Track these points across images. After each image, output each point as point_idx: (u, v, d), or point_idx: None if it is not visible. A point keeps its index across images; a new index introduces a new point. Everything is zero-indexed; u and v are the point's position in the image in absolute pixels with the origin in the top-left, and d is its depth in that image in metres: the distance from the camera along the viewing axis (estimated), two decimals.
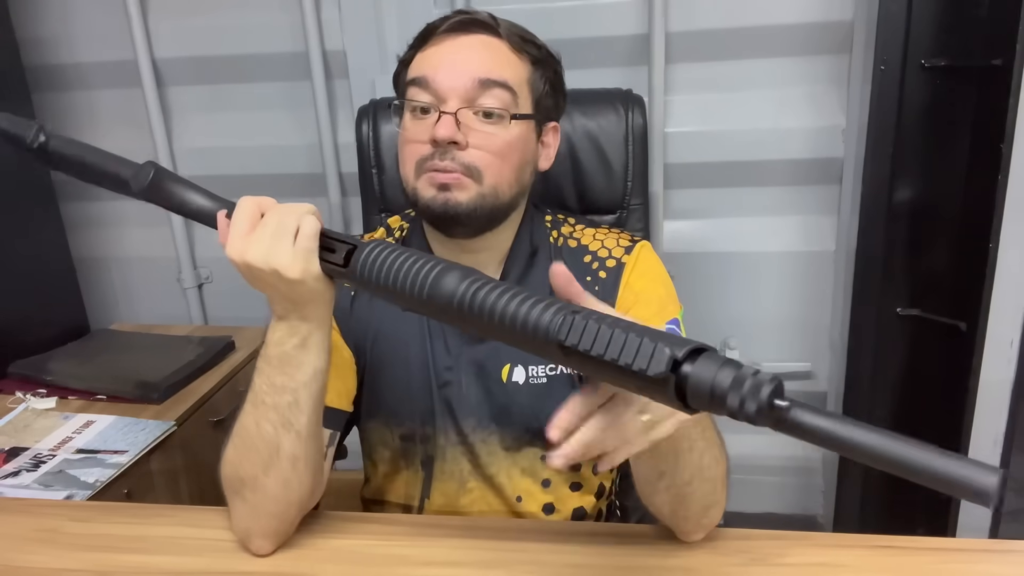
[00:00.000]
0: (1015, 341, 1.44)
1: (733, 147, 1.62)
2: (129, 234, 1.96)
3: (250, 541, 0.81)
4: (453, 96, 0.82)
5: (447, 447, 0.93)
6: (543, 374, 0.91)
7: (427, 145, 0.82)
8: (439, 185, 0.82)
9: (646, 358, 0.49)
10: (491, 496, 0.94)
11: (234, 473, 0.79)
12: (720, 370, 0.47)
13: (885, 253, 1.52)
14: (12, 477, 1.20)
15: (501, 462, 0.93)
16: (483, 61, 0.84)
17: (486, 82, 0.82)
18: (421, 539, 0.83)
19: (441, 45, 0.85)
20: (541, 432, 0.90)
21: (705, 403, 0.48)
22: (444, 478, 0.93)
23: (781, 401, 0.46)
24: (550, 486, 0.94)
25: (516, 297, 0.56)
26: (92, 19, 1.76)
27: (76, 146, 0.78)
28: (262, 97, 1.77)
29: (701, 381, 0.48)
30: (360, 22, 1.63)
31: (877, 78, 1.42)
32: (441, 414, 0.92)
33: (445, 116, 0.81)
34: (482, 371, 0.91)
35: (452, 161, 0.82)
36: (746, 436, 1.81)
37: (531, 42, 0.88)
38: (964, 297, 1.40)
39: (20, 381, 1.51)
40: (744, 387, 0.46)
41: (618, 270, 0.92)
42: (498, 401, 0.91)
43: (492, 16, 0.87)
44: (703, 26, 1.56)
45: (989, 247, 1.34)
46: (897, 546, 0.80)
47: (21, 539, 0.86)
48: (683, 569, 0.78)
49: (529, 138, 0.88)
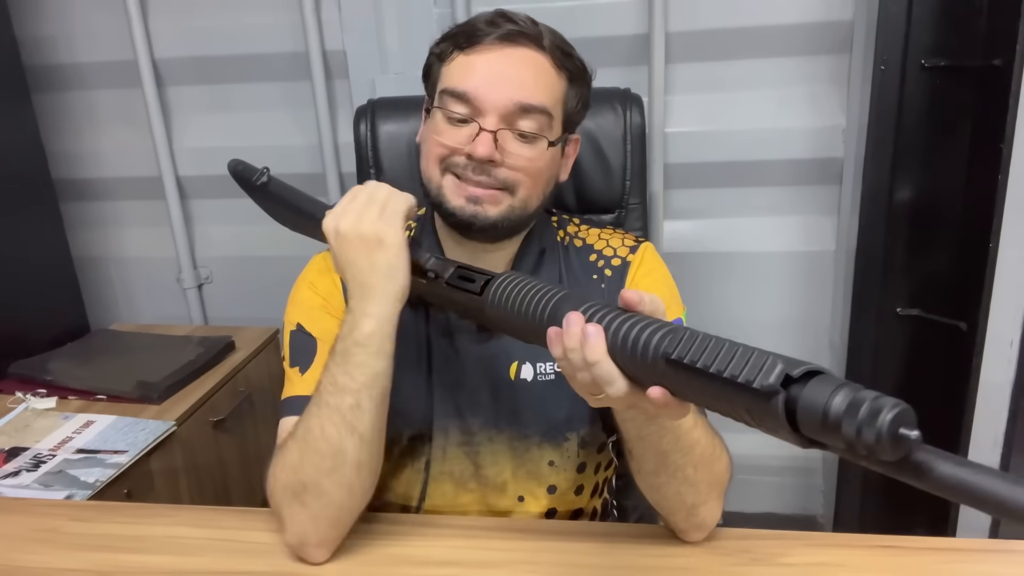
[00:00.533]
0: (1015, 341, 1.44)
1: (733, 147, 1.62)
2: (129, 234, 1.96)
3: (304, 550, 0.80)
4: (493, 114, 0.82)
5: (447, 447, 0.92)
6: (551, 371, 0.91)
7: (460, 154, 0.83)
8: (470, 196, 0.84)
9: (756, 369, 0.45)
10: (491, 497, 0.94)
11: (294, 478, 0.78)
12: (836, 391, 0.42)
13: (885, 253, 1.52)
14: (12, 477, 1.20)
15: (506, 463, 0.92)
16: (526, 83, 0.83)
17: (527, 107, 0.83)
18: (421, 539, 0.83)
19: (486, 56, 0.84)
20: (549, 430, 0.91)
21: (817, 429, 0.42)
22: (442, 479, 0.93)
23: (909, 431, 0.39)
24: (555, 492, 0.94)
25: (619, 317, 0.57)
26: (92, 19, 1.76)
27: (285, 188, 0.92)
28: (262, 97, 1.77)
29: (813, 403, 0.42)
30: (360, 22, 1.63)
31: (877, 78, 1.42)
32: (445, 414, 0.92)
33: (485, 134, 0.82)
34: (490, 369, 0.91)
35: (488, 176, 0.83)
36: (746, 436, 1.81)
37: (571, 56, 0.88)
38: (964, 297, 1.40)
39: (20, 381, 1.51)
40: (861, 411, 0.40)
41: (623, 269, 0.93)
42: (506, 399, 0.91)
43: (535, 24, 0.87)
44: (703, 26, 1.56)
45: (989, 247, 1.34)
46: (897, 546, 0.80)
47: (21, 539, 0.86)
48: (683, 569, 0.78)
49: (557, 155, 0.89)
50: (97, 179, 1.90)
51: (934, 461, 0.39)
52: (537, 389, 0.91)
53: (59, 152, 1.82)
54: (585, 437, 0.93)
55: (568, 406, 0.91)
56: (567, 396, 0.89)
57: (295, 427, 0.79)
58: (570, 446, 0.92)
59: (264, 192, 0.92)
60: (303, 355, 0.89)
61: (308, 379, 0.86)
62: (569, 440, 0.92)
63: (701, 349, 0.49)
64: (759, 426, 0.47)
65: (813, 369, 0.44)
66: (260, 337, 1.68)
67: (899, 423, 0.39)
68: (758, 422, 0.47)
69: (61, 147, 1.84)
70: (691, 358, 0.49)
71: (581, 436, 0.92)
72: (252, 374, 1.62)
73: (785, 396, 0.44)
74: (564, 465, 0.93)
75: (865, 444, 0.40)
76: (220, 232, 1.90)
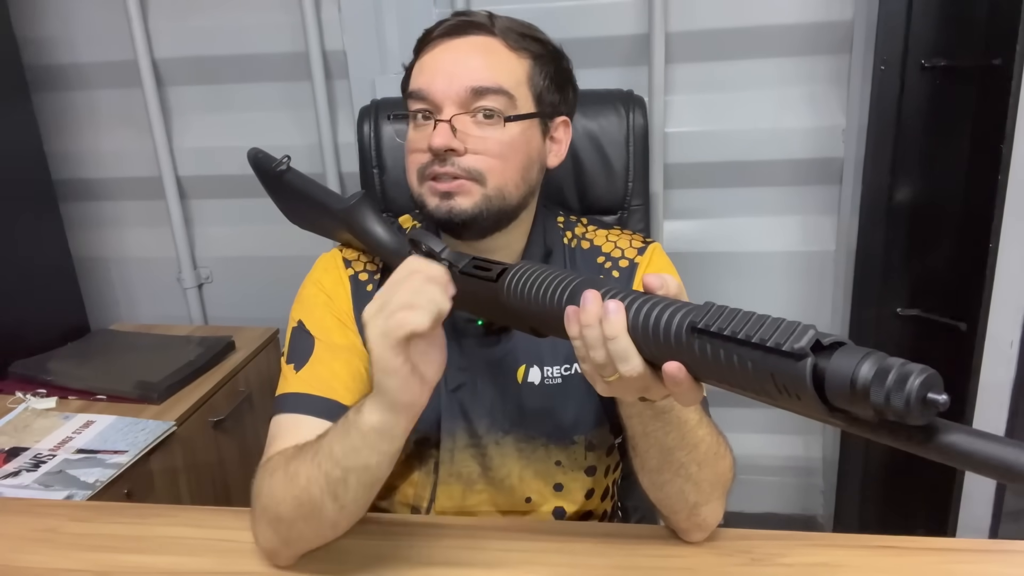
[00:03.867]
0: (1015, 341, 1.44)
1: (733, 147, 1.62)
2: (129, 234, 1.96)
3: (275, 557, 0.80)
4: (448, 103, 0.82)
5: (455, 450, 0.92)
6: (558, 375, 0.90)
7: (427, 153, 0.82)
8: (441, 193, 0.83)
9: (786, 335, 0.46)
10: (500, 498, 0.94)
11: (272, 507, 0.77)
12: (864, 359, 0.42)
13: (885, 253, 1.52)
14: (12, 477, 1.20)
15: (513, 464, 0.92)
16: (476, 67, 0.83)
17: (480, 90, 0.82)
18: (422, 539, 0.83)
19: (435, 52, 0.85)
20: (556, 433, 0.91)
21: (845, 396, 0.43)
22: (451, 481, 0.93)
23: (937, 395, 0.41)
24: (562, 490, 0.94)
25: (640, 297, 0.58)
26: (92, 19, 1.75)
27: (304, 179, 0.92)
28: (262, 97, 1.77)
29: (842, 369, 0.42)
30: (360, 22, 1.63)
31: (877, 78, 1.42)
32: (452, 417, 0.91)
33: (440, 124, 0.81)
34: (498, 372, 0.91)
35: (453, 167, 0.82)
36: (746, 436, 1.82)
37: (530, 37, 0.87)
38: (964, 297, 1.40)
39: (20, 381, 1.51)
40: (889, 377, 0.41)
41: (631, 270, 0.93)
42: (513, 402, 0.91)
43: (490, 15, 0.86)
44: (703, 26, 1.56)
45: (989, 247, 1.34)
46: (897, 546, 0.80)
47: (21, 539, 0.86)
48: (683, 569, 0.78)
49: (532, 136, 0.86)
50: (97, 179, 1.90)
51: (950, 431, 0.41)
52: (544, 392, 0.90)
53: (59, 152, 1.82)
54: (592, 440, 0.93)
55: (575, 409, 0.91)
56: (574, 399, 0.91)
57: (289, 462, 0.76)
58: (577, 449, 0.92)
59: (281, 182, 0.90)
60: (300, 353, 0.88)
61: (302, 377, 0.86)
62: (576, 443, 0.92)
63: (729, 319, 0.49)
64: (782, 396, 0.47)
65: (840, 341, 0.45)
66: (260, 337, 1.68)
67: (927, 388, 0.40)
68: (782, 390, 0.47)
69: (61, 147, 1.84)
70: (719, 326, 0.49)
71: (588, 439, 0.92)
72: (252, 374, 1.62)
73: (814, 361, 0.44)
74: (571, 466, 0.93)
75: (894, 410, 0.40)
76: (220, 232, 1.90)
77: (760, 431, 1.83)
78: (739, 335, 0.48)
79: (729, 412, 1.85)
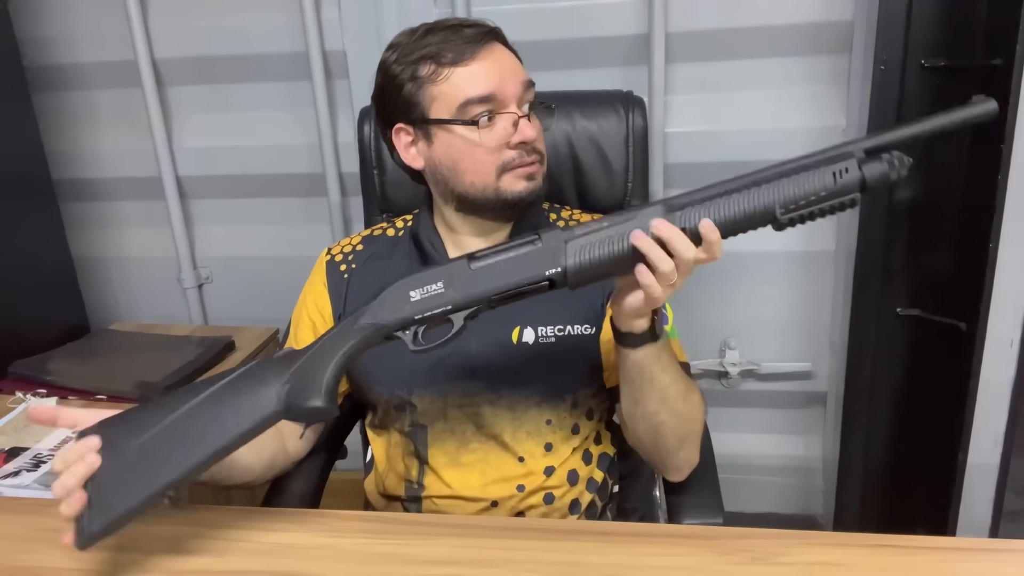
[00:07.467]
0: (1015, 341, 1.44)
1: (733, 147, 1.62)
2: (129, 234, 1.96)
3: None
4: (514, 102, 0.92)
5: (447, 409, 0.97)
6: (552, 334, 0.96)
7: (506, 149, 0.91)
8: (528, 176, 0.93)
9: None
10: (493, 456, 0.97)
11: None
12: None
13: (885, 253, 1.52)
14: (12, 477, 1.20)
15: (506, 423, 0.97)
16: (517, 67, 0.95)
17: (527, 82, 0.94)
18: (421, 538, 0.83)
19: (486, 60, 0.92)
20: (548, 392, 0.97)
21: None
22: (445, 437, 0.97)
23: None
24: (552, 450, 0.98)
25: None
26: (92, 19, 1.75)
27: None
28: (262, 97, 1.77)
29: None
30: (360, 22, 1.63)
31: (877, 78, 1.42)
32: (444, 377, 0.96)
33: (525, 120, 0.92)
34: (493, 333, 0.95)
35: (536, 153, 0.94)
36: (746, 436, 1.82)
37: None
38: (964, 297, 1.40)
39: (20, 381, 1.51)
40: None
41: None
42: (508, 362, 0.96)
43: (487, 22, 0.96)
44: (703, 26, 1.56)
45: (989, 247, 1.34)
46: (897, 545, 0.80)
47: (21, 539, 0.86)
48: (683, 568, 0.78)
49: None
50: (97, 179, 1.90)
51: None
52: (538, 352, 0.96)
53: (59, 152, 1.82)
54: (578, 399, 0.99)
55: (568, 369, 0.97)
56: (565, 359, 0.97)
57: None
58: (565, 407, 0.98)
59: None
60: (287, 338, 1.03)
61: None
62: (565, 401, 0.98)
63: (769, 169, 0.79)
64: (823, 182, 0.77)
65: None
66: (260, 337, 1.68)
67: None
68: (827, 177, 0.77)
69: (61, 147, 1.84)
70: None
71: (575, 397, 0.98)
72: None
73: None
74: (560, 424, 0.98)
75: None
76: (220, 232, 1.90)
77: (760, 431, 1.83)
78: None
79: (729, 412, 1.86)
